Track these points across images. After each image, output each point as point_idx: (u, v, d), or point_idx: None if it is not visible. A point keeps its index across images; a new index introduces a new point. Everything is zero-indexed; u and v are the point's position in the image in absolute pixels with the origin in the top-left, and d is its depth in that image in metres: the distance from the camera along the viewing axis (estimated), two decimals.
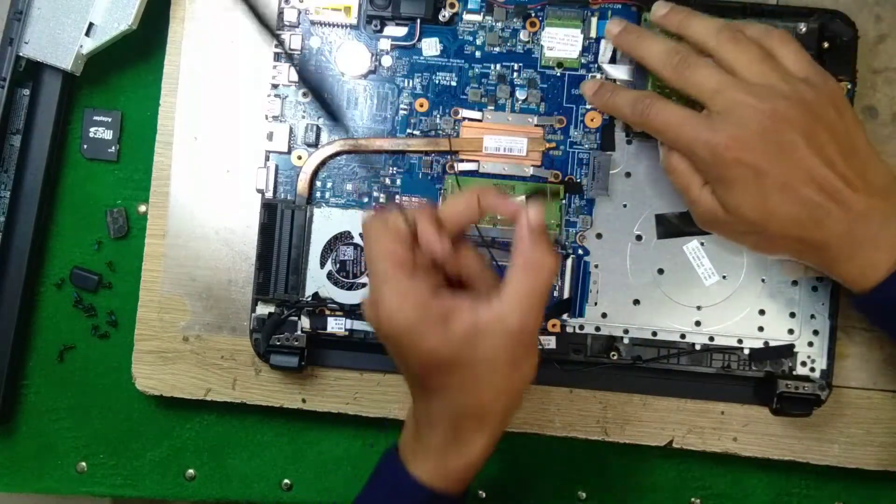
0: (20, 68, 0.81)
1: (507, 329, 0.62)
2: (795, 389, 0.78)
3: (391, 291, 0.62)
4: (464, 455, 0.65)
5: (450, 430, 0.65)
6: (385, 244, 0.63)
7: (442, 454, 0.65)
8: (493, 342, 0.62)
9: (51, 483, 0.86)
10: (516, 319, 0.62)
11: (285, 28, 0.81)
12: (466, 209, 0.65)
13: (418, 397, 0.67)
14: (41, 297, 0.86)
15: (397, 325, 0.61)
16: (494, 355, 0.62)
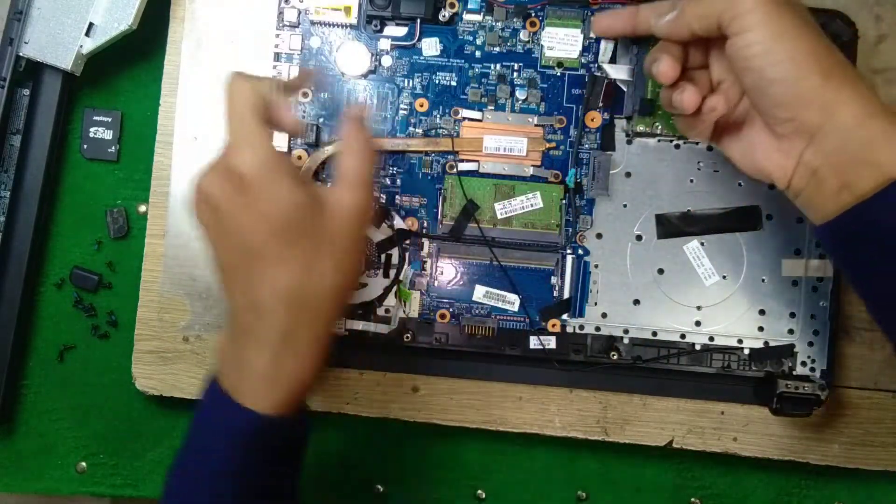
0: (20, 68, 0.81)
1: (344, 207, 0.63)
2: (795, 389, 0.78)
3: (254, 134, 0.62)
4: (294, 366, 0.63)
5: (278, 337, 0.62)
6: (249, 97, 0.62)
7: (267, 381, 0.62)
8: (334, 220, 0.62)
9: (51, 483, 0.86)
10: (349, 198, 0.63)
11: (285, 28, 0.81)
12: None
13: (240, 305, 0.63)
14: (41, 297, 0.86)
15: (256, 166, 0.61)
16: (334, 232, 0.62)
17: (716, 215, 0.80)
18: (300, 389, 0.64)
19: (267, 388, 0.62)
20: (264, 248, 0.61)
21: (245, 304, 0.63)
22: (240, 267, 0.62)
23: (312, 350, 0.63)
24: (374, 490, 0.86)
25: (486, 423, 0.83)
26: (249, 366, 0.62)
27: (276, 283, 0.61)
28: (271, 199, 0.60)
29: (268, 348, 0.62)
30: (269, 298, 0.61)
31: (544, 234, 0.80)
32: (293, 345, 0.62)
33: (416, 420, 0.83)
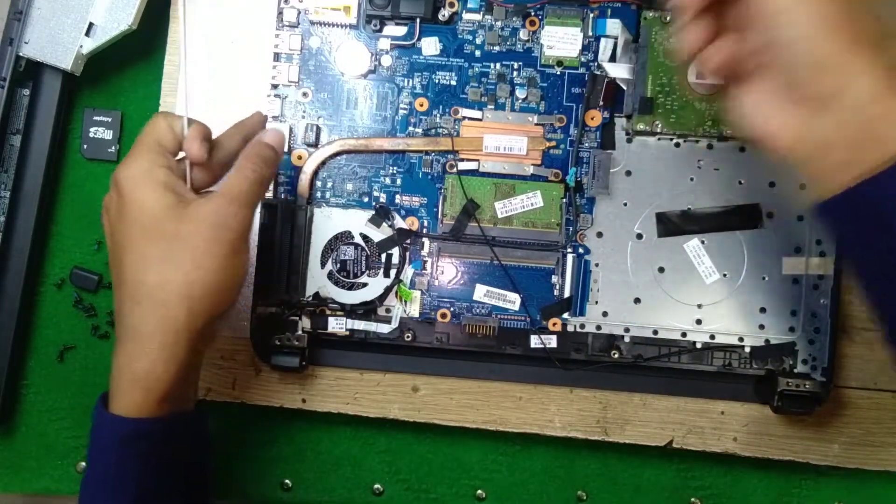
0: (20, 68, 0.81)
1: (201, 213, 0.65)
2: (796, 387, 0.78)
3: (138, 153, 0.67)
4: (146, 364, 0.64)
5: (128, 334, 0.65)
6: (159, 128, 0.68)
7: (127, 382, 0.65)
8: (190, 223, 0.65)
9: (51, 483, 0.86)
10: (208, 206, 0.66)
11: (285, 28, 0.81)
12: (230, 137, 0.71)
13: (115, 290, 0.67)
14: (41, 297, 0.86)
15: (128, 177, 0.66)
16: (190, 234, 0.65)
17: (716, 213, 0.80)
18: (160, 389, 0.65)
19: (126, 389, 0.65)
20: (127, 247, 0.65)
21: (116, 304, 0.67)
22: (114, 264, 0.67)
23: (166, 348, 0.64)
24: (374, 490, 0.86)
25: (486, 423, 0.83)
26: (115, 367, 0.66)
27: (129, 279, 0.65)
28: (135, 204, 0.65)
29: (123, 347, 0.65)
30: (124, 295, 0.65)
31: (545, 233, 0.80)
32: (143, 342, 0.64)
33: (416, 420, 0.83)
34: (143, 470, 0.65)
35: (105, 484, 0.65)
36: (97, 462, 0.66)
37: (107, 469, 0.65)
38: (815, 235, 0.80)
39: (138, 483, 0.65)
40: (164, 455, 0.67)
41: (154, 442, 0.66)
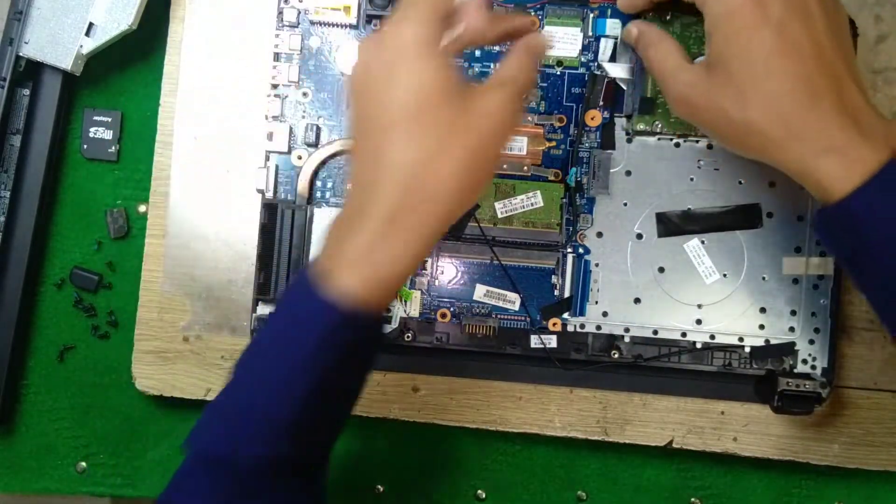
0: (20, 68, 0.81)
1: (490, 104, 0.60)
2: (797, 387, 0.78)
3: (419, 13, 0.59)
4: (393, 249, 0.59)
5: (385, 215, 0.58)
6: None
7: (364, 260, 0.58)
8: (475, 114, 0.60)
9: (51, 483, 0.86)
10: (498, 97, 0.61)
11: (285, 28, 0.81)
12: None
13: (359, 180, 0.61)
14: (41, 297, 0.86)
15: (411, 41, 0.59)
16: (471, 126, 0.59)
17: (716, 213, 0.80)
18: (392, 279, 0.60)
19: (362, 267, 0.58)
20: (397, 121, 0.59)
21: (362, 180, 0.60)
22: (370, 138, 0.60)
23: (415, 240, 0.59)
24: (375, 490, 0.86)
25: (486, 423, 0.83)
26: (350, 242, 0.59)
27: (396, 158, 0.59)
28: (411, 77, 0.59)
29: (372, 225, 0.58)
30: (385, 172, 0.59)
31: (545, 233, 0.80)
32: (397, 227, 0.58)
33: (416, 420, 0.83)
34: (339, 361, 0.60)
35: (292, 363, 0.59)
36: (290, 337, 0.60)
37: (301, 348, 0.59)
38: (815, 235, 0.80)
39: (328, 372, 0.59)
40: (361, 355, 0.63)
41: (363, 339, 0.61)
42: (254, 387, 0.61)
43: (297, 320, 0.60)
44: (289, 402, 0.59)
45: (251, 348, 0.64)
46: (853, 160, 0.61)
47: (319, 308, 0.58)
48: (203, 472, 0.60)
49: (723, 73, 0.64)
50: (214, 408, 0.62)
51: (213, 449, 0.60)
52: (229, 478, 0.59)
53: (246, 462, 0.59)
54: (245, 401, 0.60)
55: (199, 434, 0.62)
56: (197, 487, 0.60)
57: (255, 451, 0.59)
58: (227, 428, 0.60)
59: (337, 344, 0.59)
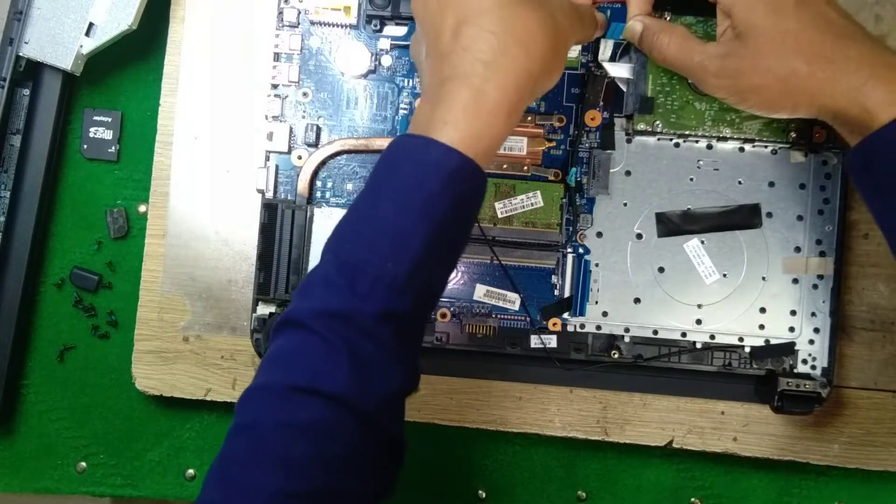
0: (20, 68, 0.81)
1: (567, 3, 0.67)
2: (797, 387, 0.78)
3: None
4: (496, 98, 0.61)
5: (483, 66, 0.61)
6: None
7: (466, 112, 0.60)
8: (560, 7, 0.65)
9: (51, 483, 0.86)
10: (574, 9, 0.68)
11: (285, 28, 0.81)
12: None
13: (445, 49, 0.63)
14: (41, 297, 0.86)
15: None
16: (563, 9, 0.66)
17: (716, 213, 0.80)
18: (496, 133, 0.62)
19: (467, 121, 0.60)
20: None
21: (449, 48, 0.62)
22: (469, 5, 0.62)
23: (513, 91, 0.62)
24: None
25: (486, 423, 0.83)
26: (448, 101, 0.61)
27: (487, 18, 0.62)
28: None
29: (470, 78, 0.61)
30: (479, 22, 0.62)
31: (545, 233, 0.80)
32: (497, 76, 0.61)
33: (416, 420, 0.83)
34: (452, 213, 0.60)
35: (409, 207, 0.60)
36: (406, 185, 0.60)
37: (416, 196, 0.60)
38: (814, 235, 0.80)
39: (441, 221, 0.60)
40: (471, 206, 0.63)
41: (474, 189, 0.62)
42: (367, 243, 0.61)
43: (415, 168, 0.61)
44: (409, 255, 0.59)
45: (355, 211, 0.63)
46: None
47: (439, 154, 0.60)
48: (326, 327, 0.59)
49: (757, 37, 0.66)
50: (319, 274, 0.62)
51: (334, 306, 0.60)
52: (349, 327, 0.59)
53: (365, 316, 0.59)
54: (358, 259, 0.60)
55: (309, 300, 0.61)
56: (318, 339, 0.59)
57: (375, 307, 0.59)
58: (345, 288, 0.60)
59: (455, 190, 0.60)
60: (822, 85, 0.65)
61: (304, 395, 0.58)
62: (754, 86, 0.67)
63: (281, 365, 0.61)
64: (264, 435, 0.58)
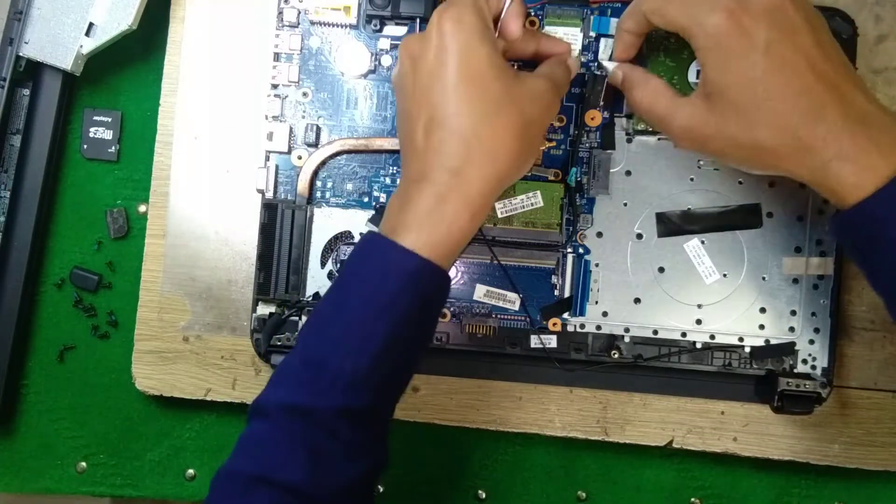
0: (20, 68, 0.81)
1: (539, 84, 0.69)
2: (797, 387, 0.78)
3: (468, 5, 0.66)
4: (457, 208, 0.64)
5: (448, 174, 0.64)
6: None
7: (429, 218, 0.63)
8: (526, 92, 0.67)
9: (51, 483, 0.86)
10: (544, 82, 0.69)
11: (285, 28, 0.81)
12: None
13: (419, 148, 0.66)
14: (41, 297, 0.86)
15: (463, 25, 0.65)
16: (524, 100, 0.67)
17: (716, 213, 0.80)
18: (457, 237, 0.65)
19: (429, 227, 0.63)
20: (456, 89, 0.64)
21: (423, 147, 0.65)
22: (426, 110, 0.65)
23: (475, 195, 0.64)
24: (375, 490, 0.86)
25: (486, 423, 0.83)
26: (414, 204, 0.64)
27: (457, 120, 0.64)
28: (465, 54, 0.65)
29: (436, 186, 0.64)
30: (447, 132, 0.64)
31: (545, 233, 0.80)
32: (461, 185, 0.64)
33: (416, 420, 0.83)
34: (412, 311, 0.63)
35: (369, 309, 0.63)
36: (365, 287, 0.64)
37: (377, 294, 0.63)
38: (815, 235, 0.80)
39: (402, 320, 0.63)
40: (430, 306, 0.66)
41: (432, 287, 0.65)
42: (331, 339, 0.64)
43: (378, 268, 0.64)
44: (367, 353, 0.62)
45: (326, 304, 0.67)
46: (864, 168, 0.62)
47: (400, 256, 0.63)
48: (286, 420, 0.62)
49: (723, 101, 0.65)
50: (288, 364, 0.66)
51: (294, 400, 0.63)
52: (308, 422, 0.62)
53: (323, 413, 0.62)
54: (320, 355, 0.63)
55: (276, 390, 0.65)
56: (280, 431, 0.62)
57: (333, 404, 0.62)
58: (307, 383, 0.63)
59: (415, 290, 0.63)
60: (786, 160, 0.65)
61: (264, 485, 0.61)
62: (719, 151, 0.68)
63: (248, 452, 0.64)
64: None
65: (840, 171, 0.63)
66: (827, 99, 0.63)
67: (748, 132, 0.65)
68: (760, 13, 0.63)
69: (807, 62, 0.63)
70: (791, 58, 0.63)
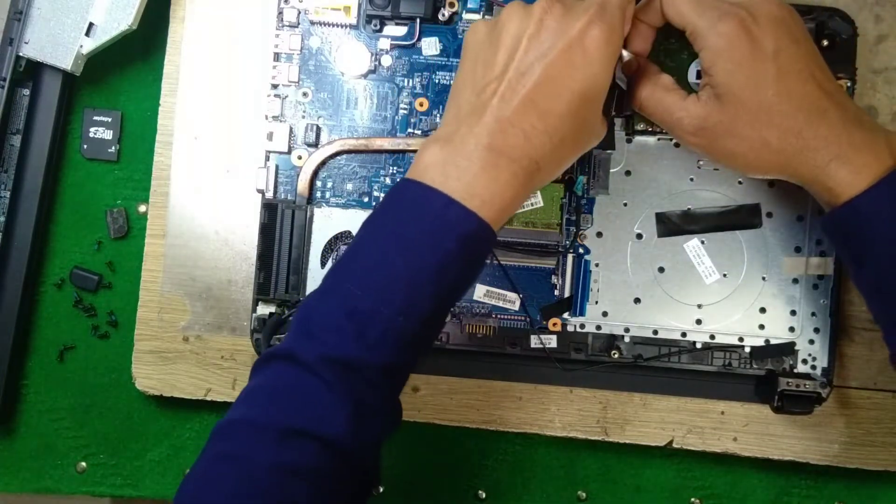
0: (20, 68, 0.81)
1: (602, 130, 0.70)
2: (797, 387, 0.78)
3: (617, 22, 0.66)
4: (515, 197, 0.65)
5: (521, 171, 0.64)
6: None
7: (501, 191, 0.63)
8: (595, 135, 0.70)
9: (51, 483, 0.86)
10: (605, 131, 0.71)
11: (285, 28, 0.81)
12: None
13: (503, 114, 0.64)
14: (41, 297, 0.86)
15: (602, 41, 0.65)
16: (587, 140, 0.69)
17: (716, 213, 0.80)
18: (509, 212, 0.65)
19: (499, 199, 0.63)
20: (574, 100, 0.65)
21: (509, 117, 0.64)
22: (547, 101, 0.64)
23: (533, 188, 0.67)
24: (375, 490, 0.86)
25: (486, 423, 0.83)
26: (488, 174, 0.63)
27: (557, 124, 0.65)
28: (596, 76, 0.65)
29: (515, 165, 0.64)
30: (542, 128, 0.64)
31: (545, 233, 0.79)
32: (536, 174, 0.65)
33: (416, 420, 0.83)
34: (462, 269, 0.63)
35: (424, 262, 0.62)
36: (423, 237, 0.62)
37: (433, 252, 0.62)
38: (815, 235, 0.80)
39: (451, 276, 0.63)
40: (477, 267, 0.66)
41: (486, 250, 0.65)
42: (378, 292, 0.62)
43: (435, 223, 0.62)
44: (418, 312, 0.62)
45: (365, 253, 0.65)
46: (861, 166, 0.66)
47: (461, 216, 0.62)
48: (330, 372, 0.61)
49: (734, 102, 0.68)
50: (327, 314, 0.63)
51: (341, 353, 0.61)
52: (356, 377, 0.61)
53: (372, 368, 0.61)
54: (368, 308, 0.62)
55: (315, 341, 0.62)
56: (322, 383, 0.61)
57: (382, 360, 0.62)
58: (354, 336, 0.61)
59: (469, 253, 0.63)
60: (790, 159, 0.68)
61: (301, 438, 0.60)
62: (727, 150, 0.70)
63: (276, 402, 0.62)
64: (257, 473, 0.59)
65: (839, 170, 0.67)
66: (827, 104, 0.67)
67: (758, 132, 0.68)
68: (767, 24, 0.67)
69: (809, 70, 0.67)
70: (796, 66, 0.67)
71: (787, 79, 0.67)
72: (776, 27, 0.67)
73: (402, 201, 0.64)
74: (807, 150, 0.67)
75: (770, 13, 0.67)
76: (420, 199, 0.63)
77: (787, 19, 0.68)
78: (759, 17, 0.67)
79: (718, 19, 0.67)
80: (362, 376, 0.61)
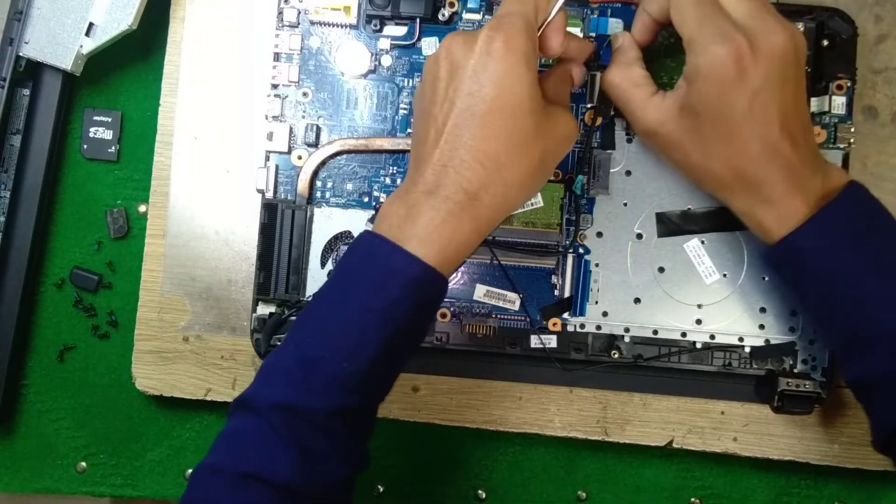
0: (20, 68, 0.81)
1: (564, 130, 0.69)
2: (797, 387, 0.78)
3: (518, 29, 0.65)
4: (461, 236, 0.64)
5: (457, 207, 0.64)
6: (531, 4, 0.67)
7: (439, 232, 0.64)
8: (558, 142, 0.69)
9: (51, 483, 0.86)
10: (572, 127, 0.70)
11: (285, 28, 0.81)
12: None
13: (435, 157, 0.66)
14: (41, 297, 0.86)
15: (516, 48, 0.64)
16: (550, 137, 0.68)
17: (716, 213, 0.80)
18: (462, 253, 0.66)
19: (438, 240, 0.64)
20: (494, 116, 0.64)
21: (440, 158, 0.65)
22: (456, 121, 0.65)
23: (487, 221, 0.66)
24: (375, 490, 0.86)
25: (486, 423, 0.83)
26: (425, 215, 0.64)
27: (487, 147, 0.65)
28: (517, 82, 0.64)
29: (450, 203, 0.64)
30: (473, 155, 0.64)
31: (545, 233, 0.79)
32: (475, 207, 0.65)
33: (416, 420, 0.83)
34: (411, 315, 0.64)
35: (370, 308, 0.63)
36: (368, 285, 0.64)
37: (378, 298, 0.63)
38: None
39: (400, 324, 0.63)
40: (429, 312, 0.68)
41: (433, 294, 0.65)
42: (326, 340, 0.64)
43: (381, 271, 0.64)
44: (364, 355, 0.63)
45: (320, 302, 0.67)
46: (787, 211, 0.69)
47: (405, 262, 0.63)
48: (277, 418, 0.62)
49: (694, 120, 0.69)
50: (279, 362, 0.65)
51: (287, 399, 0.63)
52: (301, 421, 0.62)
53: (317, 413, 0.62)
54: (315, 355, 0.63)
55: (266, 387, 0.65)
56: (271, 429, 0.62)
57: (326, 404, 0.63)
58: (299, 382, 0.63)
59: (416, 297, 0.63)
60: (725, 190, 0.72)
61: (256, 482, 0.61)
62: (672, 158, 0.74)
63: (234, 449, 0.64)
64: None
65: (767, 212, 0.69)
66: (780, 152, 0.68)
67: (704, 158, 0.71)
68: (764, 58, 0.67)
69: (781, 113, 0.68)
70: (769, 108, 0.67)
71: (753, 118, 0.67)
72: (770, 64, 0.67)
73: (357, 252, 0.67)
74: (742, 189, 0.70)
75: (773, 47, 0.67)
76: (371, 247, 0.65)
77: (787, 56, 0.67)
78: (760, 49, 0.66)
79: (715, 41, 0.67)
80: (308, 421, 0.62)
